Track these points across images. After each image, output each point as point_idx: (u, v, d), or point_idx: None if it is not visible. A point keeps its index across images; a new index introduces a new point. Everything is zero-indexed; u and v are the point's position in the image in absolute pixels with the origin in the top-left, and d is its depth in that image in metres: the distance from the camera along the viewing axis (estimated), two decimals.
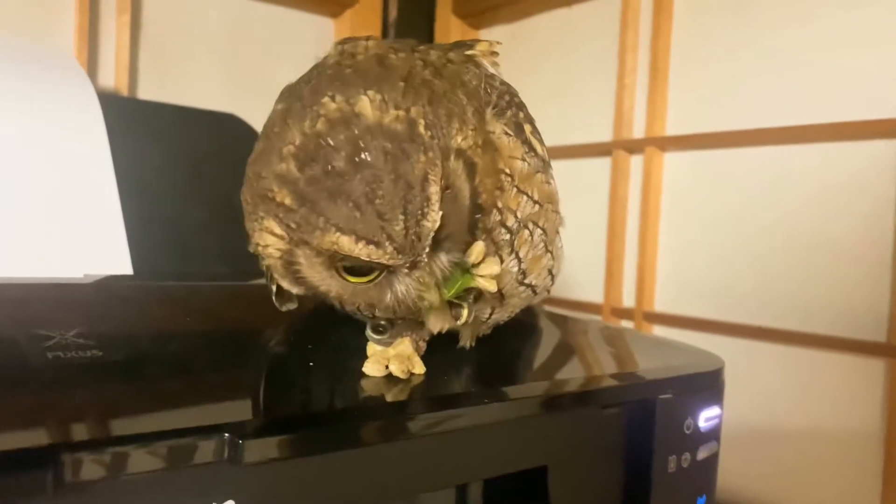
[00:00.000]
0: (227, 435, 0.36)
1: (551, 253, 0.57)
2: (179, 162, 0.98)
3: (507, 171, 0.50)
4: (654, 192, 1.16)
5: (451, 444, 0.48)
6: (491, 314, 0.57)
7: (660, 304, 1.17)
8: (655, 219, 1.17)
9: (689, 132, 1.13)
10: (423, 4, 1.50)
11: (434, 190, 0.43)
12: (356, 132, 0.42)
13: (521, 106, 0.55)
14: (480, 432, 0.49)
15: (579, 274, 1.27)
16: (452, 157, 0.46)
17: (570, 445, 0.56)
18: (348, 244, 0.42)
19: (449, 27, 1.49)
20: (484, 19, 1.46)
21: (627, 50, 1.20)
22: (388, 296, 0.47)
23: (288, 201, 0.43)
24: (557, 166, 1.36)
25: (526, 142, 0.53)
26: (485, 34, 1.48)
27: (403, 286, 0.46)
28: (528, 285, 0.56)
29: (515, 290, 0.56)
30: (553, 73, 1.33)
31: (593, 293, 1.25)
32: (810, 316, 0.98)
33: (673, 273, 1.16)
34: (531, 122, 0.56)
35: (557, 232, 0.58)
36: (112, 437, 0.34)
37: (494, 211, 0.50)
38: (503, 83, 0.55)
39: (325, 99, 0.44)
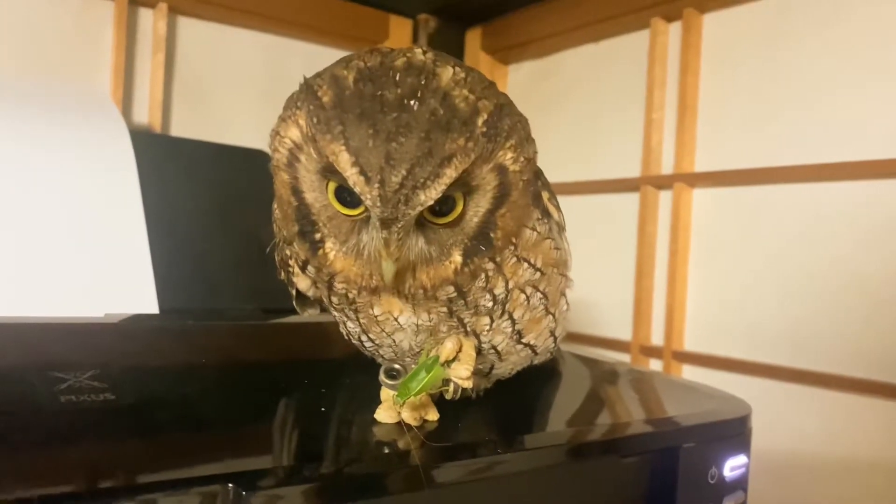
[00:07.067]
0: (230, 486, 0.36)
1: (553, 315, 0.56)
2: (210, 198, 1.00)
3: (513, 238, 0.50)
4: (682, 229, 1.14)
5: (464, 496, 0.47)
6: (491, 369, 0.56)
7: (689, 344, 1.14)
8: (685, 256, 1.15)
9: (719, 168, 1.11)
10: (452, 41, 1.51)
11: (449, 174, 0.42)
12: (422, 83, 0.43)
13: (538, 174, 0.54)
14: (494, 483, 0.48)
15: (608, 311, 1.25)
16: (489, 166, 0.45)
17: (589, 496, 0.54)
18: (344, 162, 0.42)
19: (478, 63, 1.50)
20: (512, 55, 1.47)
21: (655, 85, 1.19)
22: (353, 239, 0.46)
23: (326, 99, 0.44)
24: (585, 201, 1.34)
25: (544, 211, 0.53)
26: (513, 70, 1.49)
27: (371, 237, 0.45)
28: (527, 345, 0.56)
29: (513, 349, 0.56)
30: (581, 109, 1.33)
31: (622, 331, 1.23)
32: (842, 358, 0.95)
33: (703, 312, 1.13)
34: (548, 188, 0.56)
35: (563, 294, 0.58)
36: (110, 488, 0.34)
37: (482, 274, 0.49)
38: None
39: (418, 50, 0.46)
